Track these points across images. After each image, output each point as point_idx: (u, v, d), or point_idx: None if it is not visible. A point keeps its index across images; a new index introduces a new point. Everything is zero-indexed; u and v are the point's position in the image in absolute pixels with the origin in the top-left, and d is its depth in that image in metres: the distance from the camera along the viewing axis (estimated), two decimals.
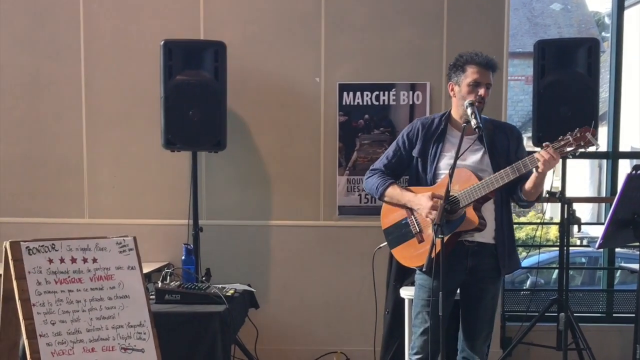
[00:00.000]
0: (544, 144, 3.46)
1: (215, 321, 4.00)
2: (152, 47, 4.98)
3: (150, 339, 3.54)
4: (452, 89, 3.74)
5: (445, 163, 3.68)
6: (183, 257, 4.71)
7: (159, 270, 4.85)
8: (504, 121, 4.81)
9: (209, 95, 4.81)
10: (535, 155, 3.45)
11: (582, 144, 3.39)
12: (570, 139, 3.39)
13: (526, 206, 3.87)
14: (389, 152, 3.88)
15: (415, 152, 3.77)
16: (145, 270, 3.88)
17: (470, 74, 3.64)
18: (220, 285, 4.36)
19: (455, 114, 3.76)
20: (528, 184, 3.58)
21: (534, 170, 3.49)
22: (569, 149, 3.41)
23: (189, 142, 4.86)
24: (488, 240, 3.69)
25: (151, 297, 4.05)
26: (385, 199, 3.81)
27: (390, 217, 3.83)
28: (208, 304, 4.14)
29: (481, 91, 3.62)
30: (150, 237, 5.18)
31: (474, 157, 3.68)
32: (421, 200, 3.60)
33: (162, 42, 4.80)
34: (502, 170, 3.51)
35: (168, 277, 4.34)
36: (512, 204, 3.86)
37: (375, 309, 4.81)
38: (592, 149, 3.45)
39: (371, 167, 3.91)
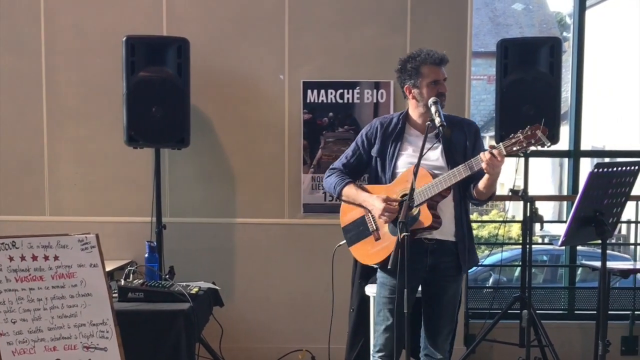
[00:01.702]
0: (489, 145, 3.47)
1: (179, 319, 3.96)
2: (114, 43, 4.94)
3: (113, 338, 3.51)
4: (410, 92, 3.73)
5: (403, 162, 3.70)
6: (146, 255, 4.66)
7: (121, 268, 4.80)
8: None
9: (172, 92, 4.78)
10: (480, 155, 3.45)
11: (533, 141, 3.35)
12: (521, 137, 3.36)
13: (477, 204, 3.90)
14: (348, 151, 3.90)
15: (374, 152, 3.78)
16: (108, 268, 3.84)
17: (428, 74, 3.65)
18: (184, 283, 4.33)
19: (414, 114, 3.77)
20: (480, 184, 3.59)
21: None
22: (517, 147, 3.39)
23: (151, 139, 4.83)
24: (448, 238, 3.70)
25: (114, 295, 4.01)
26: (343, 198, 3.83)
27: (348, 215, 3.85)
28: (172, 302, 4.10)
29: (441, 88, 3.65)
30: (113, 234, 5.15)
31: (432, 155, 3.68)
32: (375, 202, 3.62)
33: (124, 38, 4.76)
34: (454, 169, 3.52)
35: (131, 275, 4.29)
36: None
37: (339, 307, 4.81)
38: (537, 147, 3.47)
39: (330, 167, 3.94)
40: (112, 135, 5.14)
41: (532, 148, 3.42)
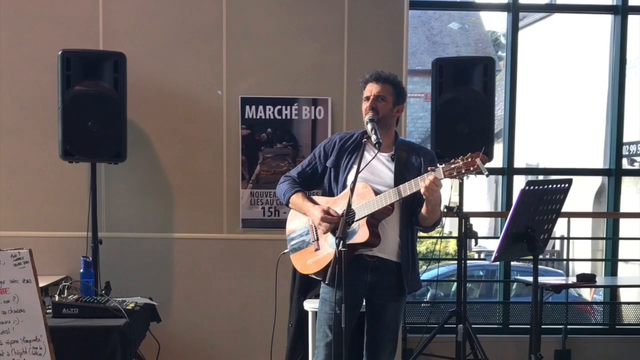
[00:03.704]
0: (429, 168, 3.52)
1: (115, 335, 3.92)
2: (49, 57, 4.89)
3: (47, 354, 3.47)
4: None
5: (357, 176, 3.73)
6: (81, 270, 4.62)
7: (56, 283, 4.73)
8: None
9: (109, 106, 4.75)
10: (417, 179, 3.50)
11: (472, 169, 3.39)
12: (460, 163, 3.41)
13: (424, 231, 3.94)
14: (305, 161, 3.98)
15: (329, 163, 3.83)
16: (42, 284, 3.80)
17: (365, 91, 3.77)
18: (120, 299, 4.29)
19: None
20: (422, 209, 3.64)
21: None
22: (455, 173, 3.43)
23: (88, 153, 4.79)
24: (390, 257, 3.74)
25: (48, 311, 3.95)
26: (290, 205, 3.88)
27: (293, 223, 3.92)
28: (107, 317, 4.05)
29: (370, 103, 3.72)
30: (48, 249, 5.08)
31: (385, 175, 3.74)
32: (314, 213, 3.68)
33: (60, 52, 4.72)
34: (390, 190, 3.58)
35: (66, 291, 4.23)
36: None
37: (278, 322, 4.81)
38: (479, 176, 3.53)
39: (285, 174, 4.00)
40: (48, 149, 5.08)
41: (471, 176, 3.48)
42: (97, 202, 5.02)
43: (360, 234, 3.61)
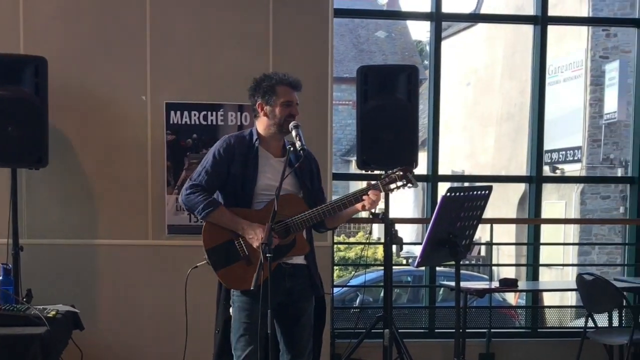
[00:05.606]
0: (367, 183, 3.63)
1: (35, 344, 3.85)
2: None
3: None
4: (262, 109, 3.82)
5: (264, 183, 3.77)
6: (1, 278, 4.52)
7: None
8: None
9: (29, 111, 4.67)
10: (357, 192, 3.65)
11: (405, 182, 3.64)
12: (394, 176, 3.63)
13: (323, 232, 4.06)
14: (206, 167, 3.84)
15: (234, 170, 3.80)
16: None
17: (283, 94, 3.77)
18: (41, 307, 4.22)
19: (266, 133, 3.85)
20: (346, 213, 3.76)
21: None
22: (392, 186, 3.64)
23: (7, 159, 4.70)
24: (300, 261, 3.83)
25: None
26: (212, 220, 3.79)
27: (214, 237, 3.82)
28: (27, 326, 3.98)
29: (294, 110, 3.76)
30: None
31: (289, 180, 3.76)
32: (256, 231, 3.66)
33: None
34: (333, 201, 3.71)
35: None
36: None
37: (207, 328, 4.78)
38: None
39: (191, 183, 3.85)
40: None
41: (406, 188, 3.69)
42: (18, 208, 4.91)
43: (301, 245, 3.75)
